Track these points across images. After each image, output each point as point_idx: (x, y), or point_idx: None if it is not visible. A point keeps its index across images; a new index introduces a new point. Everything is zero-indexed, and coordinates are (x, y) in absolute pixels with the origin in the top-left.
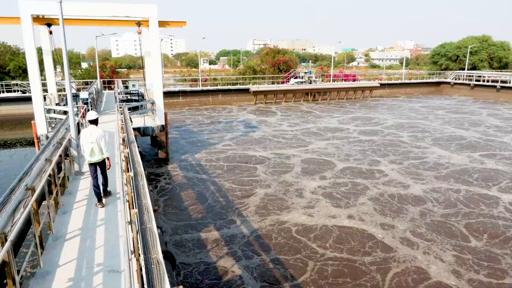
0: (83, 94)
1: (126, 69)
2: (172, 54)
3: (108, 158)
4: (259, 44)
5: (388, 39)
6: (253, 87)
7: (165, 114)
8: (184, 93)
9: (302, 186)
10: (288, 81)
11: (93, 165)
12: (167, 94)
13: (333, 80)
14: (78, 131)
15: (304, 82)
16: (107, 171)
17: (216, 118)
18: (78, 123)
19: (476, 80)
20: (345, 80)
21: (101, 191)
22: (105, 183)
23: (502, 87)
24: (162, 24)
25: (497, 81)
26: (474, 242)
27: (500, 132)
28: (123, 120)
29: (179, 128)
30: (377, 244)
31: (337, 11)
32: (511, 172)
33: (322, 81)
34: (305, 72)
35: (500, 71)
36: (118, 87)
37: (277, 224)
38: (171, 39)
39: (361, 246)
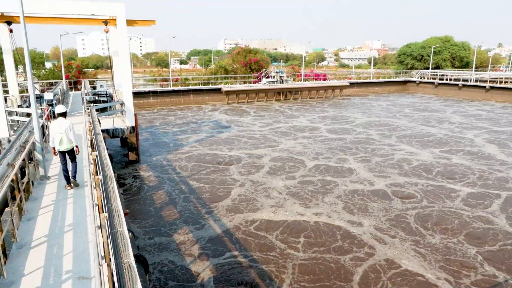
0: (48, 95)
1: (93, 69)
2: (141, 53)
3: (77, 146)
4: (230, 44)
5: (357, 39)
6: (225, 87)
7: (135, 115)
8: (154, 93)
9: (274, 185)
10: (260, 81)
11: (61, 153)
12: (137, 95)
13: (304, 80)
14: (43, 134)
15: (276, 81)
16: (76, 160)
17: (188, 118)
18: (42, 125)
19: (439, 79)
20: (316, 79)
21: (70, 175)
22: (74, 173)
23: (464, 85)
24: (130, 23)
25: (459, 80)
26: (436, 234)
27: (463, 128)
28: (91, 121)
29: (150, 129)
30: (345, 237)
31: (307, 11)
32: (475, 166)
33: (294, 80)
34: (277, 72)
35: (462, 70)
36: (85, 87)
37: (249, 224)
38: (140, 38)
39: (331, 241)
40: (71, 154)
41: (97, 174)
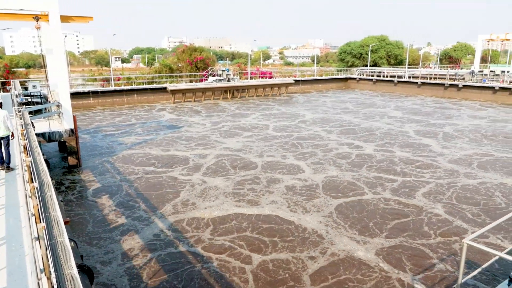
0: None
1: (24, 69)
2: (79, 51)
3: (12, 133)
4: (175, 42)
5: (300, 38)
6: (170, 86)
7: (74, 117)
8: (95, 93)
9: (219, 184)
10: (206, 79)
11: None
12: (75, 95)
13: (251, 78)
14: None
15: (223, 80)
16: (9, 147)
17: (131, 119)
18: None
19: (377, 76)
20: (262, 77)
21: (4, 158)
22: (8, 160)
23: (399, 82)
24: (65, 19)
25: (394, 76)
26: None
27: (402, 122)
28: (23, 125)
29: (91, 132)
30: (292, 230)
31: (252, 9)
32: (414, 157)
33: (240, 78)
34: (223, 70)
35: (396, 67)
36: (15, 88)
37: (193, 224)
38: (76, 36)
39: (278, 235)
40: (7, 140)
41: (32, 182)
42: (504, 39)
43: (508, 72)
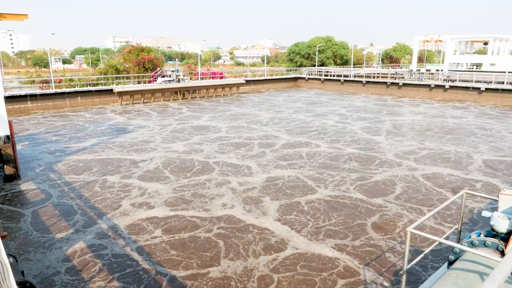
0: None
1: None
2: (13, 52)
3: None
4: (120, 42)
5: (250, 38)
6: (117, 88)
7: (10, 122)
8: (33, 96)
9: (168, 188)
10: (156, 80)
11: None
12: (10, 99)
13: (202, 78)
14: None
15: (172, 80)
16: None
17: (75, 123)
18: None
19: (325, 75)
20: (213, 77)
21: None
22: None
23: (345, 81)
24: None
25: (340, 76)
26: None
27: (353, 120)
28: None
29: (30, 138)
30: (247, 229)
31: (201, 8)
32: (363, 153)
33: (190, 79)
34: (173, 71)
35: (342, 67)
36: None
37: (141, 230)
38: (10, 35)
39: (232, 229)
40: None
41: None
42: (437, 40)
43: (442, 70)
